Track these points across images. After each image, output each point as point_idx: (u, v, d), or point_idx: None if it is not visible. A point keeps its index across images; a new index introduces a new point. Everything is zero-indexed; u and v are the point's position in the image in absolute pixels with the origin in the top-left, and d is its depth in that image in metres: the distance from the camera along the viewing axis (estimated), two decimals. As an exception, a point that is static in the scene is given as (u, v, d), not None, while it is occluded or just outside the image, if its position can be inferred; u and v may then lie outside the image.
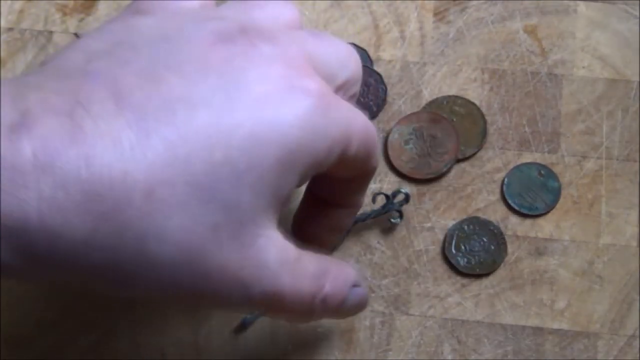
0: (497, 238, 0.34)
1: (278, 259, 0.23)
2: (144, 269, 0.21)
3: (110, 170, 0.20)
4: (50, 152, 0.19)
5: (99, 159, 0.20)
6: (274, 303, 0.24)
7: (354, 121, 0.25)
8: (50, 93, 0.21)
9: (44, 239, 0.20)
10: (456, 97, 0.36)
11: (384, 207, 0.34)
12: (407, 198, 0.34)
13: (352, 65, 0.27)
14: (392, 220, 0.34)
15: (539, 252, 0.34)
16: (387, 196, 0.34)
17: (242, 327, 0.33)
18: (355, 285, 0.28)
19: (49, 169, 0.19)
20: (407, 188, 0.34)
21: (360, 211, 0.35)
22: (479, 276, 0.34)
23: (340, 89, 0.26)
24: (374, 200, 0.34)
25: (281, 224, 0.24)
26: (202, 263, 0.22)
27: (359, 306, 0.29)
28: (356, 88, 0.27)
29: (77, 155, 0.20)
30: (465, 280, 0.34)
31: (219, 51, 0.23)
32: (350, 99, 0.27)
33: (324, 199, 0.29)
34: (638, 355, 0.33)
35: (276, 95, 0.22)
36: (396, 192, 0.34)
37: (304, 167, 0.23)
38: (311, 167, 0.23)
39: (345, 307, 0.27)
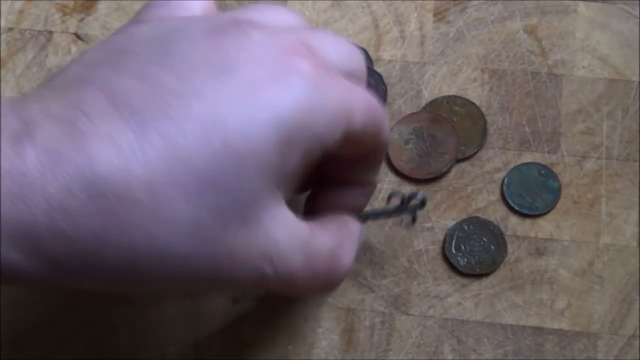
0: (497, 238, 0.34)
1: (288, 235, 0.24)
2: (157, 263, 0.21)
3: (112, 171, 0.20)
4: (53, 157, 0.20)
5: (102, 161, 0.20)
6: (289, 284, 0.24)
7: (354, 95, 0.25)
8: (51, 102, 0.21)
9: (57, 243, 0.20)
10: (456, 97, 0.36)
11: (397, 208, 0.33)
12: (423, 203, 0.32)
13: (353, 63, 0.26)
14: (405, 222, 0.33)
15: (539, 252, 0.34)
16: (402, 198, 0.33)
17: (236, 299, 0.33)
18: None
19: (53, 173, 0.20)
20: (425, 192, 0.33)
21: (372, 209, 0.34)
22: (479, 276, 0.34)
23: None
24: (389, 199, 0.33)
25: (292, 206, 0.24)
26: (212, 249, 0.22)
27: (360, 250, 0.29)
28: (360, 85, 0.27)
29: (79, 158, 0.20)
30: (465, 280, 0.34)
31: (211, 44, 0.23)
32: None
33: (337, 179, 0.29)
34: (638, 355, 0.33)
35: (269, 78, 0.22)
36: (413, 195, 0.33)
37: (306, 143, 0.23)
38: (314, 143, 0.23)
39: None
